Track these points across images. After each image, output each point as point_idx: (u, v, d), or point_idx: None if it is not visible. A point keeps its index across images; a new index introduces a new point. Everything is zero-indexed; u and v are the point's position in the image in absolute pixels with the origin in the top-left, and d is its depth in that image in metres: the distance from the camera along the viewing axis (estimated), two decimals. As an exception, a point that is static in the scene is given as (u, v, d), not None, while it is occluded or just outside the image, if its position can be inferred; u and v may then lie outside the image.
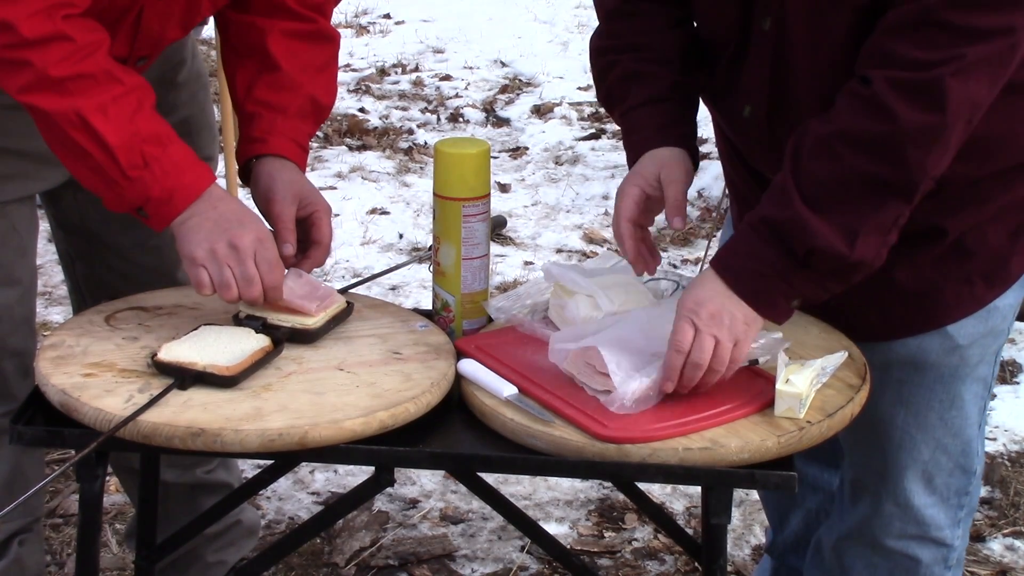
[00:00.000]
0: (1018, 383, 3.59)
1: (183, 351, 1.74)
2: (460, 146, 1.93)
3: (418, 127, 5.71)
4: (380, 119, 5.78)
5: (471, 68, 6.56)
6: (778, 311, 1.74)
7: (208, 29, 4.42)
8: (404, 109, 5.94)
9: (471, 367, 1.79)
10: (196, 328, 1.82)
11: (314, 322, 1.86)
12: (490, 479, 2.08)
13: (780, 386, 1.69)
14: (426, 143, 5.48)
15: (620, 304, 1.87)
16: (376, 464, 1.72)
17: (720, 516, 1.68)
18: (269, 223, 1.94)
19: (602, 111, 5.92)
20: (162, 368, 1.72)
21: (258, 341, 1.79)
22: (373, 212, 4.74)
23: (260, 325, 1.84)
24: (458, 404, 1.78)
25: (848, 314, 1.94)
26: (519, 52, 6.75)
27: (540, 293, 1.95)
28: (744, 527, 2.95)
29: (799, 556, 2.44)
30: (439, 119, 5.83)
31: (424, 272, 3.94)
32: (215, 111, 2.19)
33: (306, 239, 1.97)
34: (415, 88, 6.25)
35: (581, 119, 5.84)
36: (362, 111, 5.86)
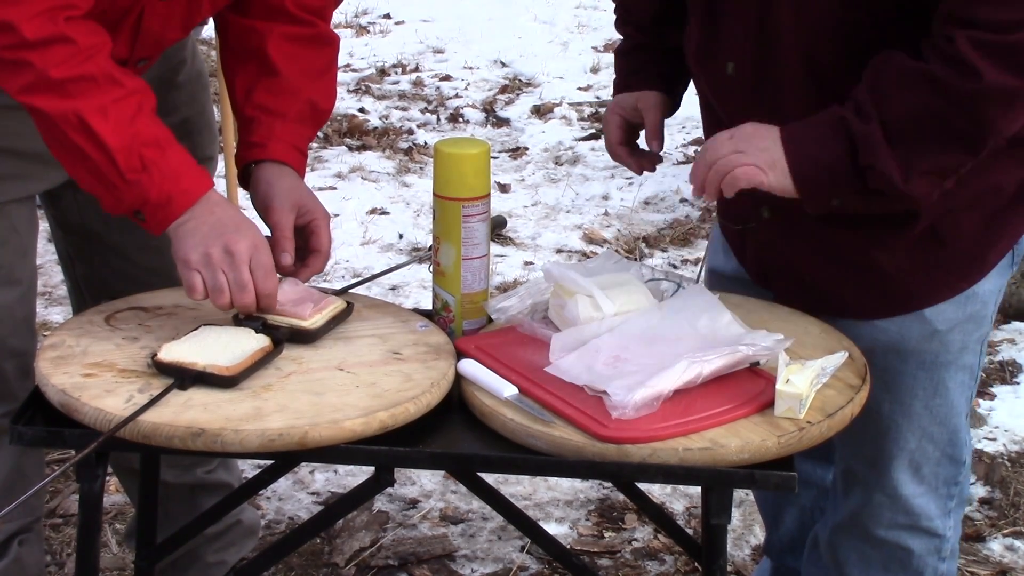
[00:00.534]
0: (1018, 383, 3.59)
1: (183, 351, 1.74)
2: (460, 146, 1.93)
3: (418, 127, 5.71)
4: (380, 119, 5.78)
5: (471, 68, 6.57)
6: (815, 198, 1.80)
7: (208, 29, 4.41)
8: (404, 109, 5.94)
9: (471, 367, 1.79)
10: (196, 328, 1.82)
11: (314, 322, 1.86)
12: (490, 479, 2.08)
13: (780, 386, 1.69)
14: (426, 143, 5.48)
15: (620, 304, 1.87)
16: (376, 464, 1.72)
17: (720, 516, 1.68)
18: (268, 230, 1.94)
19: (602, 111, 5.93)
20: (162, 368, 1.72)
21: (258, 341, 1.79)
22: (373, 212, 4.74)
23: (260, 325, 1.84)
24: (458, 404, 1.78)
25: (825, 289, 1.97)
26: (519, 52, 6.75)
27: (540, 293, 1.94)
28: (744, 527, 2.95)
29: (796, 556, 2.44)
30: (439, 119, 5.83)
31: (424, 272, 3.93)
32: (215, 112, 2.19)
33: (305, 247, 1.97)
34: (415, 88, 6.25)
35: (581, 119, 5.84)
36: (362, 111, 5.86)
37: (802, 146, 1.78)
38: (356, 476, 3.02)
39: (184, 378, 1.70)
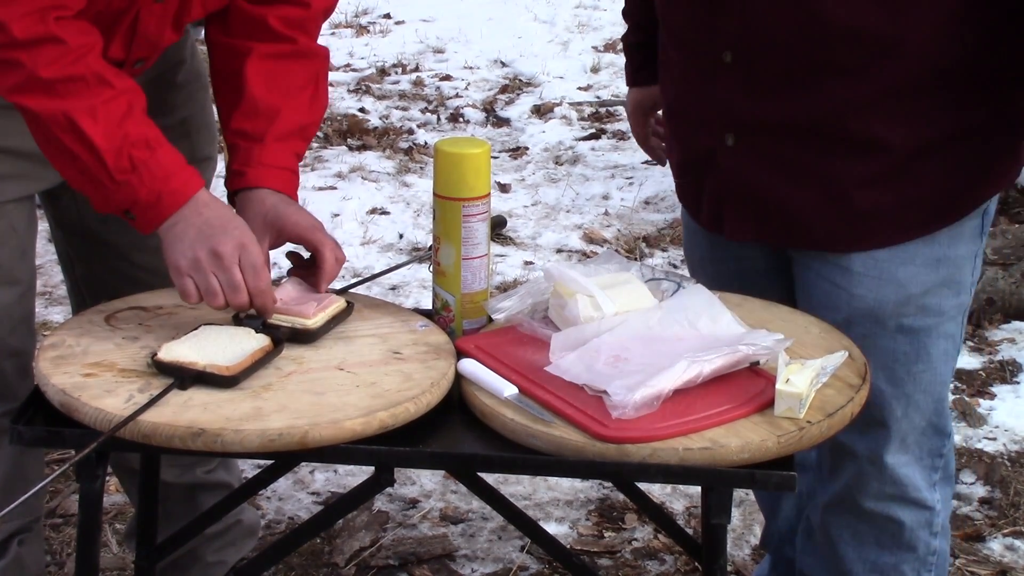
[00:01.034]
0: (1018, 383, 3.59)
1: (183, 351, 1.74)
2: (460, 146, 1.93)
3: (418, 127, 5.71)
4: (380, 119, 5.78)
5: (471, 68, 6.57)
6: None
7: (208, 29, 4.42)
8: (404, 109, 5.94)
9: (471, 367, 1.79)
10: (196, 328, 1.82)
11: (314, 322, 1.86)
12: (490, 479, 2.07)
13: (780, 386, 1.69)
14: (426, 143, 5.48)
15: (620, 304, 1.87)
16: (376, 464, 1.72)
17: (720, 516, 1.68)
18: None
19: (602, 111, 5.93)
20: (162, 368, 1.72)
21: (258, 341, 1.79)
22: (373, 212, 4.74)
23: (260, 325, 1.84)
24: (458, 404, 1.78)
25: (790, 215, 2.00)
26: (519, 52, 6.75)
27: (540, 293, 1.94)
28: (744, 527, 2.95)
29: (794, 545, 2.45)
30: (439, 119, 5.84)
31: (424, 272, 3.94)
32: (214, 111, 2.19)
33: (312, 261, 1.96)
34: (415, 88, 6.25)
35: (581, 119, 5.84)
36: (362, 111, 5.86)
37: None
38: (356, 476, 3.02)
39: (184, 378, 1.70)
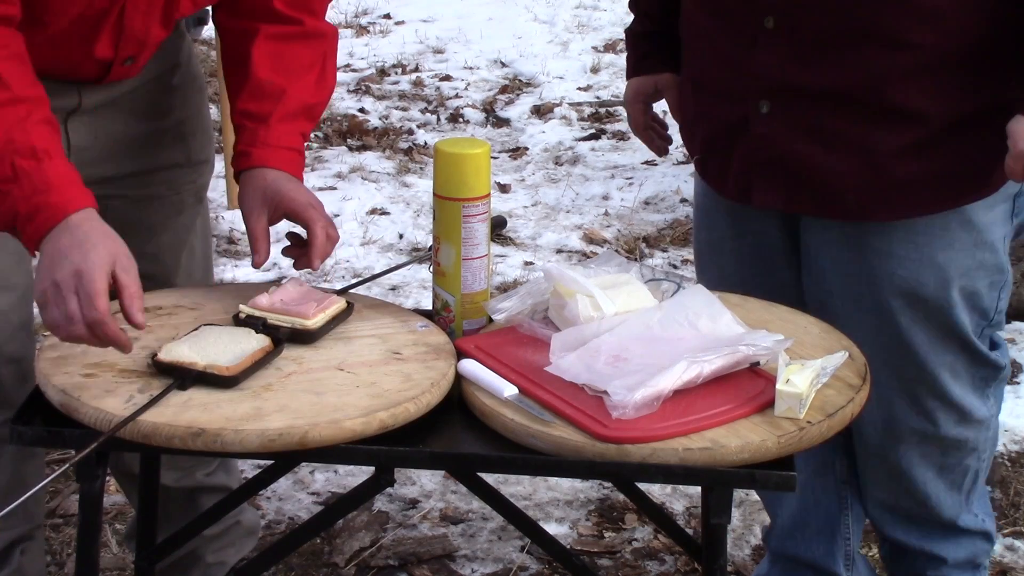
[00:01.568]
0: (1018, 383, 3.59)
1: (183, 351, 1.74)
2: (460, 146, 1.93)
3: (418, 127, 5.71)
4: (380, 119, 5.78)
5: (471, 68, 6.57)
6: None
7: (208, 30, 4.42)
8: (404, 109, 5.94)
9: (471, 367, 1.79)
10: (196, 328, 1.82)
11: (314, 322, 1.86)
12: (490, 479, 2.07)
13: (780, 386, 1.69)
14: (426, 143, 5.48)
15: (620, 304, 1.87)
16: (376, 464, 1.72)
17: (720, 516, 1.68)
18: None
19: (602, 111, 5.93)
20: (162, 368, 1.72)
21: (258, 341, 1.79)
22: (373, 212, 4.74)
23: (260, 325, 1.84)
24: (458, 404, 1.78)
25: (822, 183, 2.03)
26: (519, 52, 6.75)
27: (540, 293, 1.94)
28: (744, 527, 2.95)
29: (796, 541, 2.45)
30: (439, 119, 5.83)
31: (424, 272, 3.94)
32: (216, 112, 2.20)
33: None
34: (415, 88, 6.25)
35: (581, 119, 5.84)
36: (362, 111, 5.86)
37: None
38: (356, 476, 3.02)
39: (184, 378, 1.70)
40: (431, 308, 2.01)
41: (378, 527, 2.90)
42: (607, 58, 6.68)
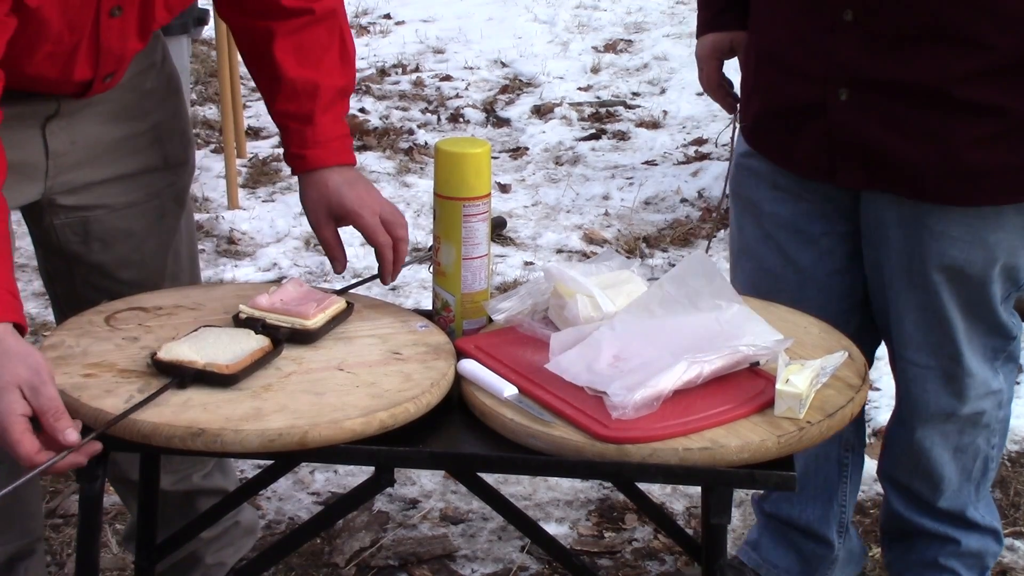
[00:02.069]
0: (1018, 383, 3.59)
1: (183, 351, 1.74)
2: (461, 146, 1.93)
3: (418, 127, 5.71)
4: (380, 119, 5.78)
5: (471, 68, 6.57)
6: None
7: (208, 30, 4.41)
8: (404, 109, 5.94)
9: (471, 367, 1.79)
10: (196, 328, 1.82)
11: (314, 322, 1.86)
12: (490, 479, 2.08)
13: (780, 386, 1.69)
14: (426, 143, 5.48)
15: (620, 304, 1.87)
16: (376, 464, 1.72)
17: (720, 516, 1.68)
18: None
19: (602, 111, 5.93)
20: (162, 368, 1.72)
21: (258, 341, 1.79)
22: (373, 212, 4.73)
23: (260, 325, 1.84)
24: (458, 404, 1.78)
25: (902, 166, 2.05)
26: (519, 52, 6.75)
27: (540, 293, 1.95)
28: (744, 527, 2.94)
29: (792, 504, 2.47)
30: (439, 119, 5.84)
31: (424, 272, 3.93)
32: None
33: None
34: (415, 88, 6.25)
35: (581, 119, 5.84)
36: (362, 111, 5.86)
37: None
38: (356, 476, 3.02)
39: (183, 376, 1.70)
40: (431, 308, 2.01)
41: (378, 527, 2.90)
42: (607, 58, 6.68)
